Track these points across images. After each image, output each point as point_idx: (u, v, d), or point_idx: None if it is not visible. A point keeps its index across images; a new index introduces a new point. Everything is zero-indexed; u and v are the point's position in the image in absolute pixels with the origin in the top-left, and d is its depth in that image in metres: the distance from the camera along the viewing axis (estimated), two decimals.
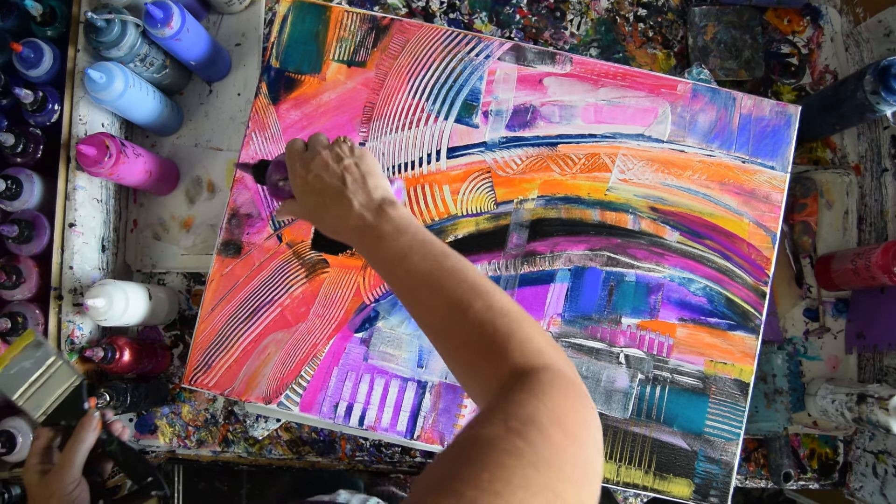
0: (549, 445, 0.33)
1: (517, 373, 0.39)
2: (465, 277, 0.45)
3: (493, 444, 0.32)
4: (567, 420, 0.35)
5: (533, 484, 0.30)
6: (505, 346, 0.41)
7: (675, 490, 0.68)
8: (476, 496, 0.29)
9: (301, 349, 0.71)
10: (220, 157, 0.85)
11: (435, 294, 0.45)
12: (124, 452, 0.62)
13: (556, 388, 0.37)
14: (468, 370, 0.43)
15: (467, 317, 0.43)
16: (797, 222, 0.83)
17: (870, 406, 0.71)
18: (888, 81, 0.68)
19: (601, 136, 0.73)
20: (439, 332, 0.45)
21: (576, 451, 0.34)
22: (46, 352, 0.60)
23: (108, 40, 0.70)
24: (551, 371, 0.39)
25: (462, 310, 0.43)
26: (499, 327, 0.41)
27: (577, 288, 0.71)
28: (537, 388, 0.37)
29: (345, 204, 0.52)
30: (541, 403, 0.35)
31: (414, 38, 0.75)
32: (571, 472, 0.32)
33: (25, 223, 0.73)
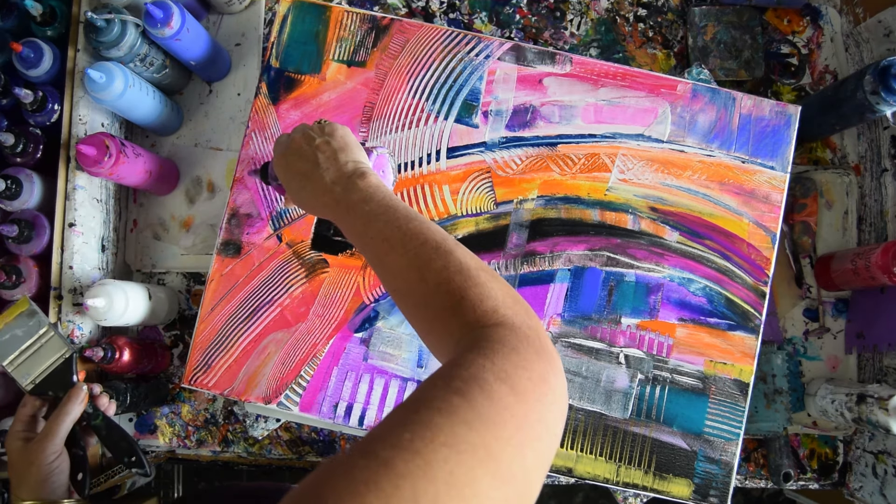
0: (490, 402, 0.31)
1: (470, 333, 0.38)
2: (426, 238, 0.44)
3: (426, 404, 0.30)
4: (516, 376, 0.33)
5: (462, 442, 0.28)
6: (459, 306, 0.39)
7: (675, 490, 0.68)
8: (391, 456, 0.27)
9: (301, 349, 0.71)
10: (220, 157, 0.85)
11: (397, 256, 0.44)
12: (108, 427, 0.63)
13: (507, 345, 0.35)
14: (428, 332, 0.43)
15: (425, 277, 0.42)
16: (797, 222, 0.83)
17: (869, 406, 0.71)
18: (888, 81, 0.68)
19: (601, 136, 0.73)
20: (402, 294, 0.45)
21: (524, 409, 0.32)
22: (39, 321, 0.60)
23: (108, 40, 0.70)
24: (504, 328, 0.37)
25: (420, 270, 0.42)
26: (454, 287, 0.40)
27: (577, 288, 0.71)
28: (486, 346, 0.35)
29: (317, 181, 0.53)
30: (487, 361, 0.33)
31: (414, 38, 0.75)
32: (514, 431, 0.30)
33: (25, 223, 0.73)
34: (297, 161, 0.55)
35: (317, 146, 0.55)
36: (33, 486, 0.56)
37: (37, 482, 0.56)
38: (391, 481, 0.26)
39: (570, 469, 0.69)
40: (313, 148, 0.55)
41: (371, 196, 0.49)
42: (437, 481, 0.26)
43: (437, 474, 0.26)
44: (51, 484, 0.57)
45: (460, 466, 0.27)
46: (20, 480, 0.56)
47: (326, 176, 0.53)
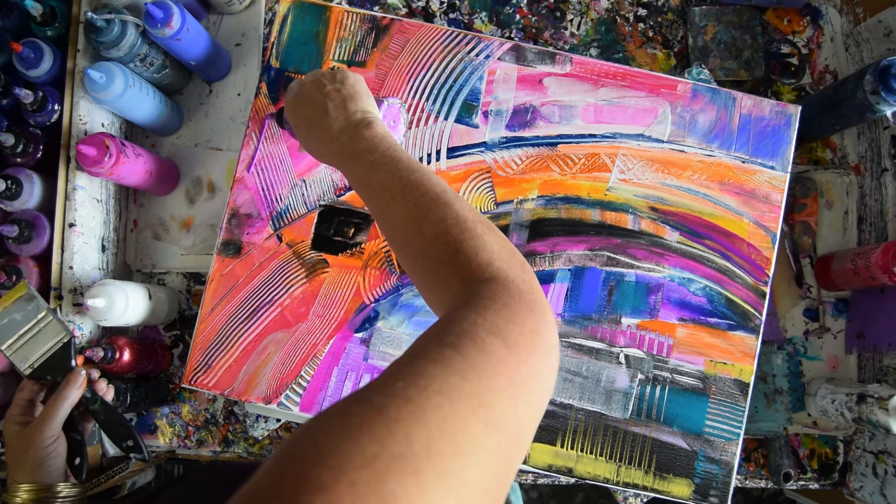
0: (483, 355, 0.31)
1: (464, 287, 0.38)
2: (427, 189, 0.44)
3: (419, 355, 0.30)
4: (509, 330, 0.33)
5: (455, 390, 0.28)
6: (455, 259, 0.39)
7: (675, 490, 0.68)
8: (385, 402, 0.27)
9: (301, 349, 0.71)
10: (220, 157, 0.85)
11: (398, 206, 0.44)
12: (107, 412, 0.63)
13: (499, 299, 0.35)
14: (425, 284, 0.43)
15: (423, 228, 0.42)
16: (797, 222, 0.83)
17: (870, 406, 0.71)
18: (888, 81, 0.68)
19: (601, 136, 0.73)
20: (401, 245, 0.45)
21: (516, 361, 0.32)
22: (38, 305, 0.60)
23: (108, 40, 0.70)
24: (497, 282, 0.37)
25: (419, 221, 0.42)
26: (450, 239, 0.40)
27: (577, 288, 0.71)
28: (478, 301, 0.35)
29: (325, 128, 0.53)
30: (480, 317, 0.33)
31: (414, 38, 0.75)
32: (508, 384, 0.30)
33: (25, 223, 0.73)
34: (306, 107, 0.55)
35: (327, 93, 0.55)
36: (30, 470, 0.56)
37: (33, 466, 0.56)
38: (385, 425, 0.26)
39: (570, 469, 0.69)
40: (323, 95, 0.55)
41: (376, 146, 0.49)
42: (429, 426, 0.26)
43: (431, 419, 0.27)
44: (47, 467, 0.57)
45: (454, 414, 0.27)
46: (17, 464, 0.57)
47: (334, 124, 0.53)
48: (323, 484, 0.23)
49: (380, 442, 0.25)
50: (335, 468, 0.24)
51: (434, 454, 0.25)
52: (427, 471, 0.25)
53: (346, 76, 0.57)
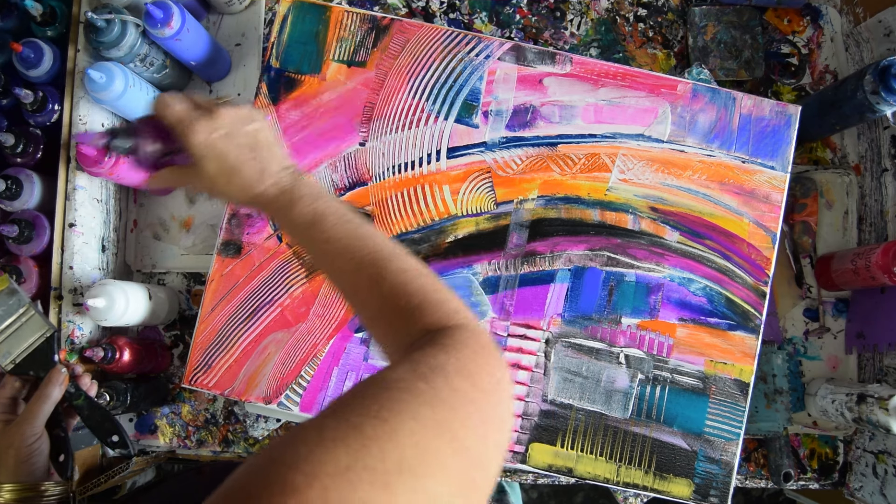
0: (453, 392, 0.32)
1: (431, 330, 0.39)
2: (378, 242, 0.45)
3: (393, 384, 0.31)
4: (478, 375, 0.34)
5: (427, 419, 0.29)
6: (421, 306, 0.41)
7: (675, 490, 0.68)
8: (360, 421, 0.28)
9: (301, 349, 0.71)
10: None
11: (351, 255, 0.45)
12: (91, 408, 0.62)
13: (469, 346, 0.37)
14: (384, 329, 0.43)
15: (384, 276, 0.43)
16: (797, 222, 0.83)
17: (870, 406, 0.71)
18: (888, 81, 0.68)
19: (601, 136, 0.73)
20: (355, 291, 0.45)
21: (485, 404, 0.33)
22: (20, 300, 0.60)
23: (108, 40, 0.70)
24: (466, 330, 0.39)
25: (378, 270, 0.43)
26: (414, 289, 0.42)
27: (577, 288, 0.71)
28: (449, 343, 0.36)
29: (258, 169, 0.50)
30: (451, 357, 0.35)
31: (414, 38, 0.75)
32: (479, 423, 0.32)
33: (25, 223, 0.73)
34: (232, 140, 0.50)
35: (257, 129, 0.51)
36: (12, 469, 0.56)
37: (16, 464, 0.56)
38: (360, 441, 0.27)
39: (570, 469, 0.69)
40: (253, 130, 0.51)
41: (318, 194, 0.49)
42: (403, 446, 0.27)
43: (405, 441, 0.28)
44: (30, 466, 0.56)
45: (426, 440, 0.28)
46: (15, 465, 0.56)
47: (272, 163, 0.50)
48: (296, 486, 0.24)
49: (354, 455, 0.26)
50: (309, 474, 0.25)
51: (405, 471, 0.26)
52: (397, 485, 0.26)
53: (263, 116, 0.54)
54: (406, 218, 0.73)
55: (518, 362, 0.70)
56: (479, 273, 0.72)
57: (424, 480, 0.27)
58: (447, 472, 0.28)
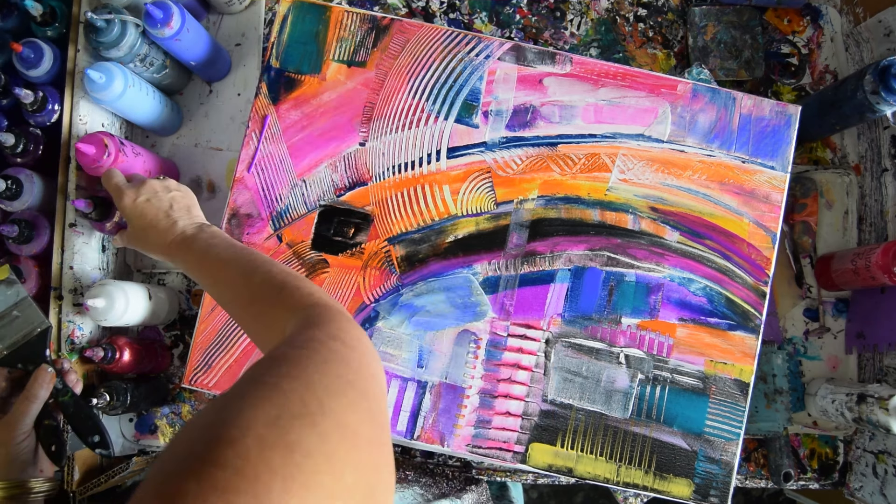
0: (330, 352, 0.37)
1: (294, 313, 0.46)
2: (254, 257, 0.55)
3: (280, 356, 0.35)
4: (343, 336, 0.40)
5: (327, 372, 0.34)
6: (279, 295, 0.49)
7: (675, 490, 0.68)
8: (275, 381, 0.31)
9: None
10: (220, 157, 0.85)
11: (231, 271, 0.54)
12: (76, 405, 0.63)
13: (326, 316, 0.43)
14: (257, 324, 0.51)
15: (251, 280, 0.52)
16: (797, 222, 0.83)
17: (870, 406, 0.71)
18: (888, 81, 0.68)
19: (601, 136, 0.73)
20: (233, 298, 0.54)
21: (356, 355, 0.38)
22: (17, 291, 0.60)
23: (108, 40, 0.70)
24: (321, 306, 0.45)
25: (248, 275, 0.53)
26: (275, 283, 0.50)
27: (577, 288, 0.71)
28: (312, 319, 0.43)
29: (170, 224, 0.63)
30: (317, 329, 0.41)
31: (414, 38, 0.75)
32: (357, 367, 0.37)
33: (25, 223, 0.73)
34: (152, 203, 0.65)
35: (172, 196, 0.66)
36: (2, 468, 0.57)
37: (6, 463, 0.58)
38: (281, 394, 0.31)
39: (570, 469, 0.69)
40: (169, 197, 0.66)
41: (216, 234, 0.61)
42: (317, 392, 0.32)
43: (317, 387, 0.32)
44: (20, 464, 0.58)
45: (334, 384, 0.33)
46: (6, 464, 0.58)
47: (179, 220, 0.63)
48: (232, 438, 0.27)
49: (280, 406, 0.29)
50: (243, 427, 0.27)
51: (328, 411, 0.31)
52: (323, 423, 0.30)
53: (188, 190, 0.70)
54: (406, 218, 0.73)
55: (518, 362, 0.70)
56: (479, 273, 0.72)
57: (341, 416, 0.31)
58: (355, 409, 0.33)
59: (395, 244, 0.73)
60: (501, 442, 0.69)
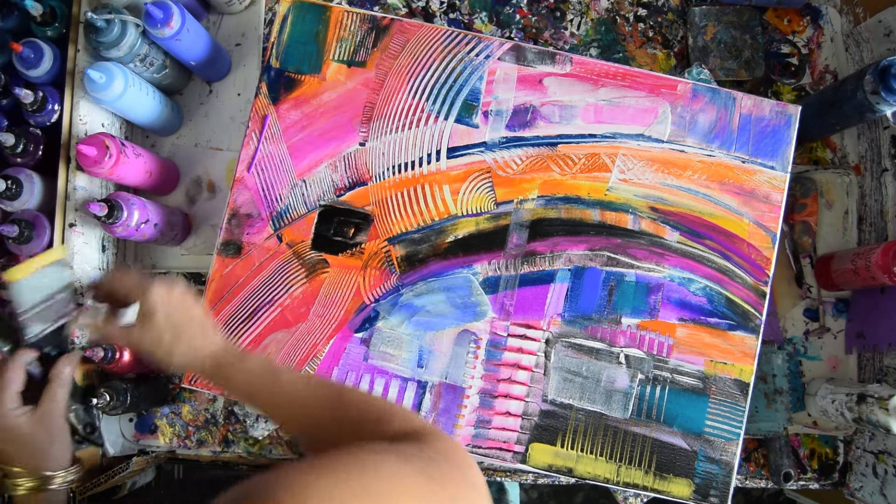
0: (435, 466, 0.39)
1: (403, 434, 0.45)
2: (329, 382, 0.55)
3: (387, 452, 0.38)
4: (452, 454, 0.42)
5: (425, 487, 0.37)
6: (390, 417, 0.47)
7: (675, 490, 0.68)
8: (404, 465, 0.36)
9: (301, 349, 0.71)
10: (220, 157, 0.85)
11: (313, 393, 0.52)
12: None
13: (438, 440, 0.44)
14: (341, 433, 0.49)
15: (343, 401, 0.50)
16: (797, 222, 0.83)
17: (870, 406, 0.71)
18: (888, 81, 0.68)
19: (601, 136, 0.73)
20: (313, 426, 0.51)
21: (460, 476, 0.40)
22: (69, 275, 0.60)
23: (108, 40, 0.70)
24: (433, 433, 0.45)
25: (337, 398, 0.51)
26: (378, 405, 0.50)
27: (577, 288, 0.71)
28: (422, 439, 0.44)
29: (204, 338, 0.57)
30: (426, 445, 0.42)
31: (414, 38, 0.75)
32: (455, 491, 0.38)
33: (25, 223, 0.73)
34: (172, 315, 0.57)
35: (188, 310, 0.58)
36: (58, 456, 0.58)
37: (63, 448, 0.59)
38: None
39: (570, 469, 0.69)
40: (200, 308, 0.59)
41: (269, 359, 0.60)
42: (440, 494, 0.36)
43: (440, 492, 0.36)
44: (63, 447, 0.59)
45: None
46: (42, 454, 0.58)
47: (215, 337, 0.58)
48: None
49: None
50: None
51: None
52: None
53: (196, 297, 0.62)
54: (406, 218, 0.73)
55: (518, 362, 0.70)
56: (479, 273, 0.72)
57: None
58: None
59: (395, 244, 0.73)
60: (501, 442, 0.69)
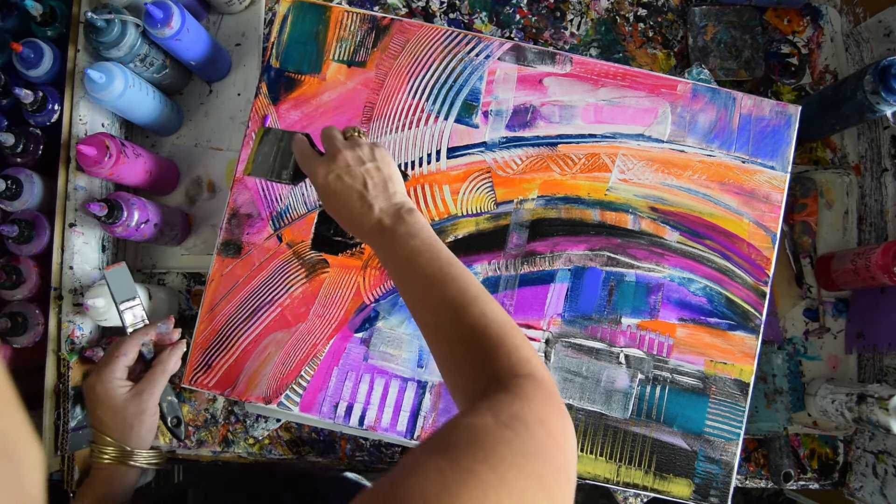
0: (534, 440, 0.35)
1: (503, 376, 0.42)
2: (465, 284, 0.48)
3: (484, 430, 0.35)
4: (549, 423, 0.38)
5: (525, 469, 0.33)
6: (494, 351, 0.43)
7: (675, 490, 0.68)
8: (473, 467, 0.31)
9: (301, 349, 0.71)
10: (220, 157, 0.85)
11: (436, 294, 0.48)
12: None
13: (538, 395, 0.40)
14: (456, 368, 0.46)
15: (462, 319, 0.46)
16: (797, 222, 0.83)
17: (870, 406, 0.71)
18: (888, 81, 0.68)
19: (601, 136, 0.73)
20: (434, 329, 0.48)
21: (558, 451, 0.37)
22: (275, 131, 0.65)
23: (108, 40, 0.70)
24: (535, 380, 0.41)
25: (458, 311, 0.46)
26: (490, 333, 0.44)
27: (577, 288, 0.71)
28: (521, 392, 0.40)
29: (366, 207, 0.54)
30: (525, 405, 0.38)
31: (414, 38, 0.75)
32: (555, 468, 0.35)
33: (25, 223, 0.73)
34: (343, 180, 0.55)
35: (366, 170, 0.56)
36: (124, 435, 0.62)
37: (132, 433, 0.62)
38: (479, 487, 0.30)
39: None
40: (363, 171, 0.56)
41: (417, 232, 0.52)
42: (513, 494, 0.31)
43: (513, 490, 0.32)
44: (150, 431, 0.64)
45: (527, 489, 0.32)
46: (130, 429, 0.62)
47: (375, 203, 0.54)
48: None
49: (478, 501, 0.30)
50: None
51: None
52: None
53: (383, 154, 0.58)
54: None
55: None
56: (479, 273, 0.72)
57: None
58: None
59: None
60: None
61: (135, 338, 0.65)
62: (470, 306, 0.46)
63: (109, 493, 0.60)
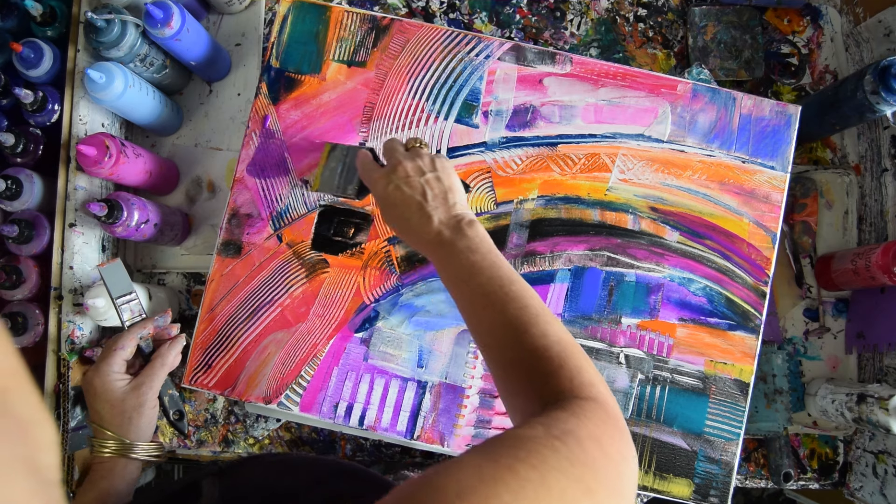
0: (585, 454, 0.34)
1: (563, 398, 0.40)
2: (526, 303, 0.46)
3: (532, 439, 0.34)
4: (605, 443, 0.36)
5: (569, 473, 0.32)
6: (556, 373, 0.42)
7: (675, 490, 0.68)
8: (512, 464, 0.31)
9: (301, 349, 0.71)
10: (220, 157, 0.85)
11: (495, 314, 0.47)
12: None
13: (597, 415, 0.38)
14: (514, 390, 0.45)
15: (522, 340, 0.44)
16: (797, 222, 0.83)
17: (870, 406, 0.71)
18: (888, 81, 0.68)
19: (601, 136, 0.73)
20: (493, 350, 0.47)
21: (612, 469, 0.35)
22: (341, 147, 0.68)
23: (108, 40, 0.70)
24: (597, 403, 0.40)
25: (518, 332, 0.45)
26: (552, 355, 0.43)
27: (577, 288, 0.71)
28: (580, 412, 0.38)
29: (424, 218, 0.53)
30: (581, 423, 0.36)
31: (414, 38, 0.75)
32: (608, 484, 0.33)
33: (25, 223, 0.73)
34: (403, 191, 0.55)
35: (426, 180, 0.55)
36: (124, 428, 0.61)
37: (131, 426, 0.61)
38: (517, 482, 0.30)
39: None
40: (422, 181, 0.55)
41: (478, 247, 0.51)
42: (552, 492, 0.30)
43: (553, 487, 0.31)
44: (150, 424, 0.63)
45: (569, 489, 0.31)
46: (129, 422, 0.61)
47: (434, 214, 0.53)
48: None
49: (514, 494, 0.29)
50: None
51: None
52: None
53: (444, 164, 0.58)
54: None
55: None
56: None
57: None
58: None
59: (395, 244, 0.73)
60: None
61: (132, 331, 0.65)
62: (531, 326, 0.45)
63: (111, 486, 0.59)
